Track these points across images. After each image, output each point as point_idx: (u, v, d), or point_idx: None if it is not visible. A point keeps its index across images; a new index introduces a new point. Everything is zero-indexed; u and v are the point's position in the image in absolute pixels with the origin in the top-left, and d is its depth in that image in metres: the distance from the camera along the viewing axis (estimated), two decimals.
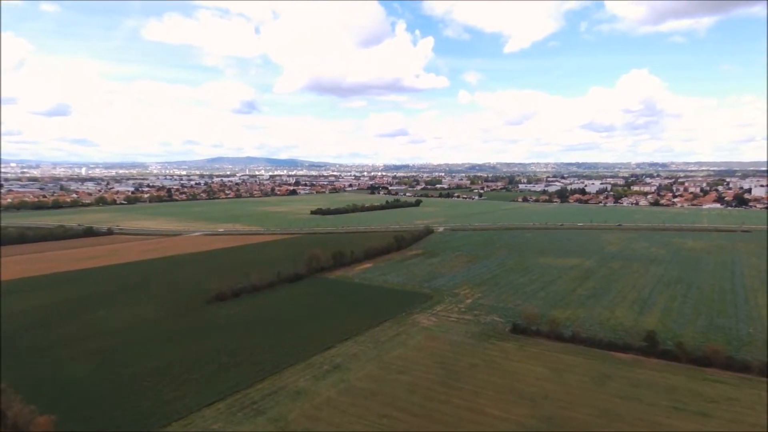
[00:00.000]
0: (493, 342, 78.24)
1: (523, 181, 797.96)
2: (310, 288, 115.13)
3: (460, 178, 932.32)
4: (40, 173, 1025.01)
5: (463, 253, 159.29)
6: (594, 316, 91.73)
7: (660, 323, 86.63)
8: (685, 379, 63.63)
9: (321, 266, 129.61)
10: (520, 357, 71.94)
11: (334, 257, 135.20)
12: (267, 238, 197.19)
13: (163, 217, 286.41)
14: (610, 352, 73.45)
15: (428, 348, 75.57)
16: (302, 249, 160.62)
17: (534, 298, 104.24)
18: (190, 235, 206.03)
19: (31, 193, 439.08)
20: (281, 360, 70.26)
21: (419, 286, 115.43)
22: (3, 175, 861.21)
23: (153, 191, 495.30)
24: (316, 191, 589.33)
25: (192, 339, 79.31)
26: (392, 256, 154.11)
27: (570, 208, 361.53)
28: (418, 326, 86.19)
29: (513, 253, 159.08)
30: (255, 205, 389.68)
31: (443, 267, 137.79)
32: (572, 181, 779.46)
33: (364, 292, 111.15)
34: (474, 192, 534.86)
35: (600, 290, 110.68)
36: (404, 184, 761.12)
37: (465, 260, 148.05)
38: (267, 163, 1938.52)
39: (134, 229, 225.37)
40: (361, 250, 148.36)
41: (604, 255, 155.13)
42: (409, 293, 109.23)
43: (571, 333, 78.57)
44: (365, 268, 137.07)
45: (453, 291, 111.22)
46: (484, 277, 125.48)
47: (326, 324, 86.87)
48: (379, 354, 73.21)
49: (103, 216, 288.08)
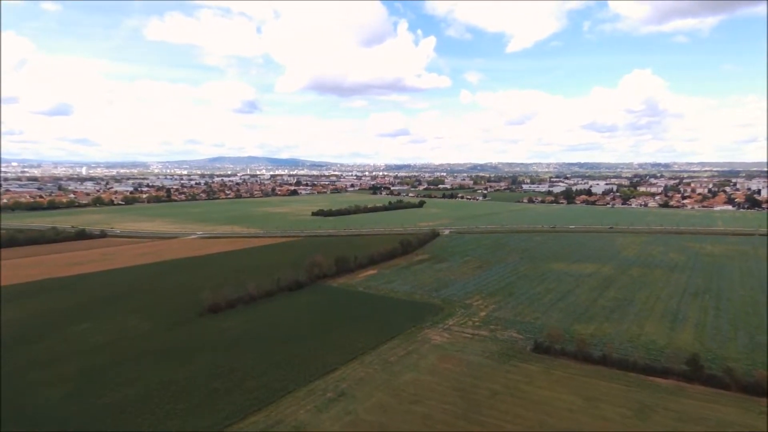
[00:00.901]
0: (515, 364, 70.41)
1: (526, 181, 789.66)
2: (311, 297, 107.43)
3: (462, 178, 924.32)
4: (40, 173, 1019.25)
5: (472, 258, 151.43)
6: (622, 332, 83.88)
7: (696, 341, 78.81)
8: (739, 413, 55.71)
9: (323, 273, 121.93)
10: (547, 382, 64.09)
11: (336, 263, 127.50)
12: (266, 241, 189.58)
13: (160, 218, 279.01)
14: (647, 377, 65.61)
15: (443, 371, 67.77)
16: (303, 253, 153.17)
17: (553, 310, 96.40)
18: (187, 238, 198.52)
19: (29, 193, 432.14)
20: (279, 385, 62.54)
21: (428, 296, 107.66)
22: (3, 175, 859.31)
23: (152, 191, 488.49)
24: (318, 191, 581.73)
25: (181, 358, 71.67)
26: (398, 262, 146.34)
27: (577, 209, 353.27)
28: (430, 344, 78.41)
29: (525, 259, 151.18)
30: (255, 205, 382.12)
31: (452, 274, 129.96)
32: (576, 182, 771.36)
33: (369, 302, 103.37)
34: (478, 192, 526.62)
35: (623, 301, 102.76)
36: (406, 184, 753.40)
37: (475, 266, 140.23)
38: (268, 163, 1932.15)
39: (129, 231, 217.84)
40: (365, 255, 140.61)
41: (621, 261, 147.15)
42: (417, 304, 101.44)
43: (602, 354, 70.65)
44: (370, 274, 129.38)
45: (465, 302, 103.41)
46: (496, 285, 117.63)
47: (329, 341, 79.13)
48: (388, 378, 65.45)
49: (99, 217, 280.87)
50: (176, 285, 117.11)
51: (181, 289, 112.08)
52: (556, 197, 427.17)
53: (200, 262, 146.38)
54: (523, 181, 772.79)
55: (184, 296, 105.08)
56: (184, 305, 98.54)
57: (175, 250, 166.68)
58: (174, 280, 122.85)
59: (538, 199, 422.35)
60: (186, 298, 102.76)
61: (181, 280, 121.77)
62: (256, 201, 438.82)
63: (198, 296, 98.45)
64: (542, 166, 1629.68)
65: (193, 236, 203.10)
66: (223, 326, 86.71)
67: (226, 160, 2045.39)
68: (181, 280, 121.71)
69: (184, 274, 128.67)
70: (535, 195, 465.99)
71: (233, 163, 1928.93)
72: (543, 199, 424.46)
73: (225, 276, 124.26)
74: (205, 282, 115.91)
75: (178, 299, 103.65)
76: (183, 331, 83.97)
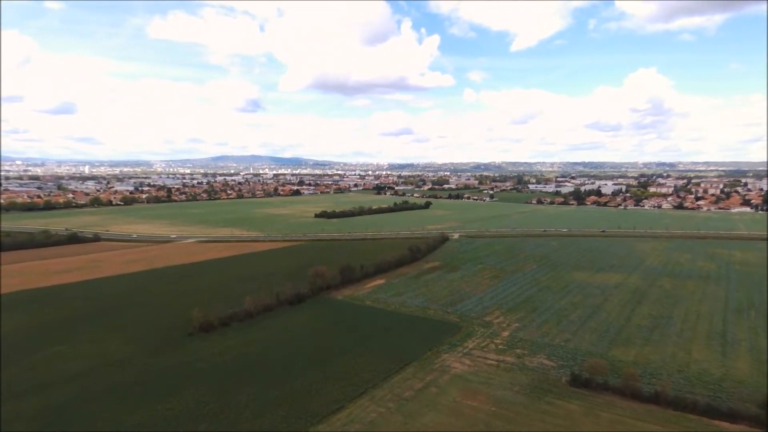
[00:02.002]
0: (551, 401, 60.21)
1: (532, 181, 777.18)
2: (314, 312, 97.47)
3: (467, 177, 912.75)
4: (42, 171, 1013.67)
5: (486, 267, 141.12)
6: (667, 358, 73.60)
7: (756, 371, 68.44)
8: None
9: (327, 284, 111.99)
10: (594, 427, 53.91)
11: (341, 273, 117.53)
12: (266, 246, 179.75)
13: (158, 219, 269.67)
14: (711, 420, 55.34)
15: (468, 411, 57.65)
16: (305, 259, 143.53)
17: (584, 330, 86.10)
18: (183, 242, 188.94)
19: (27, 192, 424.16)
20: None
21: (443, 312, 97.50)
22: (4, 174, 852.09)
23: (153, 191, 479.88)
24: (321, 191, 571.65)
25: (162, 392, 61.82)
26: (407, 270, 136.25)
27: (588, 211, 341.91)
28: (450, 373, 68.29)
29: (543, 267, 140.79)
30: (257, 206, 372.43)
31: (467, 285, 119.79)
32: (583, 182, 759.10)
33: (378, 319, 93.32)
34: (484, 193, 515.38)
35: (660, 319, 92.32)
36: (410, 183, 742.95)
37: (490, 275, 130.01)
38: (271, 162, 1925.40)
39: (124, 234, 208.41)
40: (371, 263, 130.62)
41: (647, 270, 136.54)
42: (432, 322, 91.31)
43: (654, 390, 60.32)
44: (377, 285, 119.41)
45: (484, 318, 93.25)
46: (516, 298, 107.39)
47: (334, 369, 69.09)
48: (404, 420, 55.43)
49: (96, 219, 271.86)
50: (166, 297, 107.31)
51: (171, 303, 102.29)
52: (565, 198, 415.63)
53: (194, 270, 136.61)
54: (528, 181, 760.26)
55: (174, 311, 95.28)
56: (172, 323, 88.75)
57: (169, 256, 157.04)
58: (165, 291, 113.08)
59: (547, 200, 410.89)
60: (176, 314, 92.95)
61: (171, 292, 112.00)
62: (258, 201, 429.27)
63: (189, 312, 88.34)
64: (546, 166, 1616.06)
65: (190, 240, 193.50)
66: (215, 350, 76.78)
67: (229, 159, 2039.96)
68: (173, 292, 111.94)
69: (175, 284, 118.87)
70: (543, 195, 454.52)
71: (236, 162, 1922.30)
72: (552, 200, 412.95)
73: (219, 287, 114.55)
74: (197, 295, 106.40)
75: (166, 315, 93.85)
76: (168, 357, 74.07)
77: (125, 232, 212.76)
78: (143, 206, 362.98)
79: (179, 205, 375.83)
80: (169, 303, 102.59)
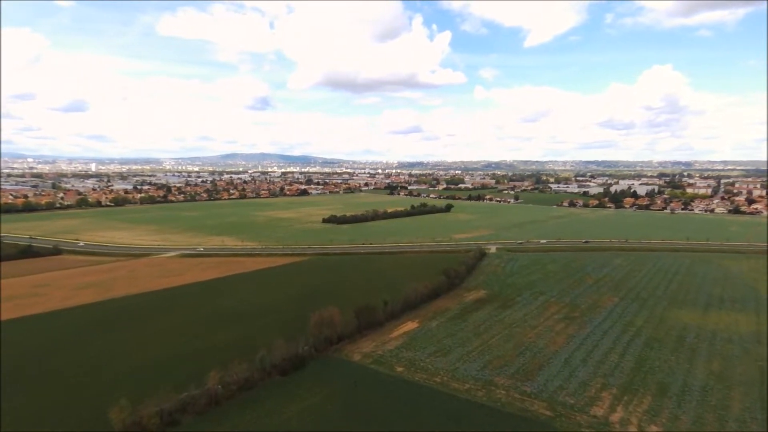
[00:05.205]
0: None
1: (550, 180, 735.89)
2: (316, 391, 62.40)
3: (480, 176, 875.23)
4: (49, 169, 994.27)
5: (550, 299, 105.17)
6: None
7: None
8: None
9: (337, 336, 76.98)
10: None
11: (358, 315, 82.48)
12: (261, 262, 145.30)
13: (144, 224, 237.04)
14: None
15: None
16: (309, 286, 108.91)
17: None
18: (161, 257, 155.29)
19: (16, 191, 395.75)
20: None
21: (518, 392, 61.88)
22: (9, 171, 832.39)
23: (152, 190, 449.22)
24: (329, 191, 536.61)
25: None
26: (445, 304, 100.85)
27: (633, 215, 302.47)
28: None
29: (627, 300, 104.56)
30: (259, 208, 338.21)
31: (535, 333, 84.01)
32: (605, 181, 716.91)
33: (418, 408, 58.01)
34: (505, 194, 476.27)
35: None
36: (423, 183, 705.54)
37: (561, 315, 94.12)
38: (280, 160, 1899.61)
39: (95, 244, 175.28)
40: (397, 296, 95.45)
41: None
42: (507, 416, 55.79)
43: None
44: (408, 331, 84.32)
45: (588, 409, 57.61)
46: (621, 363, 71.40)
47: None
48: None
49: (75, 223, 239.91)
50: (103, 357, 73.01)
51: (105, 368, 68.02)
52: (600, 201, 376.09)
53: (159, 302, 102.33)
54: (547, 181, 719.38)
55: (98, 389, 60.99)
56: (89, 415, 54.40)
57: (134, 279, 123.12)
58: (106, 341, 78.84)
59: (580, 203, 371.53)
60: (99, 395, 58.57)
61: (114, 343, 77.74)
62: (261, 203, 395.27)
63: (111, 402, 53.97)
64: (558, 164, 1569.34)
65: (171, 253, 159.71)
66: None
67: (238, 157, 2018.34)
68: (116, 343, 77.69)
69: (124, 331, 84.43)
70: (568, 197, 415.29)
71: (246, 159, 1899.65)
72: (585, 202, 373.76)
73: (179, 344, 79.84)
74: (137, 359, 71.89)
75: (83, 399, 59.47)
76: None
77: (98, 242, 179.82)
78: (134, 208, 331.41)
79: (175, 207, 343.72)
80: (101, 366, 68.16)
